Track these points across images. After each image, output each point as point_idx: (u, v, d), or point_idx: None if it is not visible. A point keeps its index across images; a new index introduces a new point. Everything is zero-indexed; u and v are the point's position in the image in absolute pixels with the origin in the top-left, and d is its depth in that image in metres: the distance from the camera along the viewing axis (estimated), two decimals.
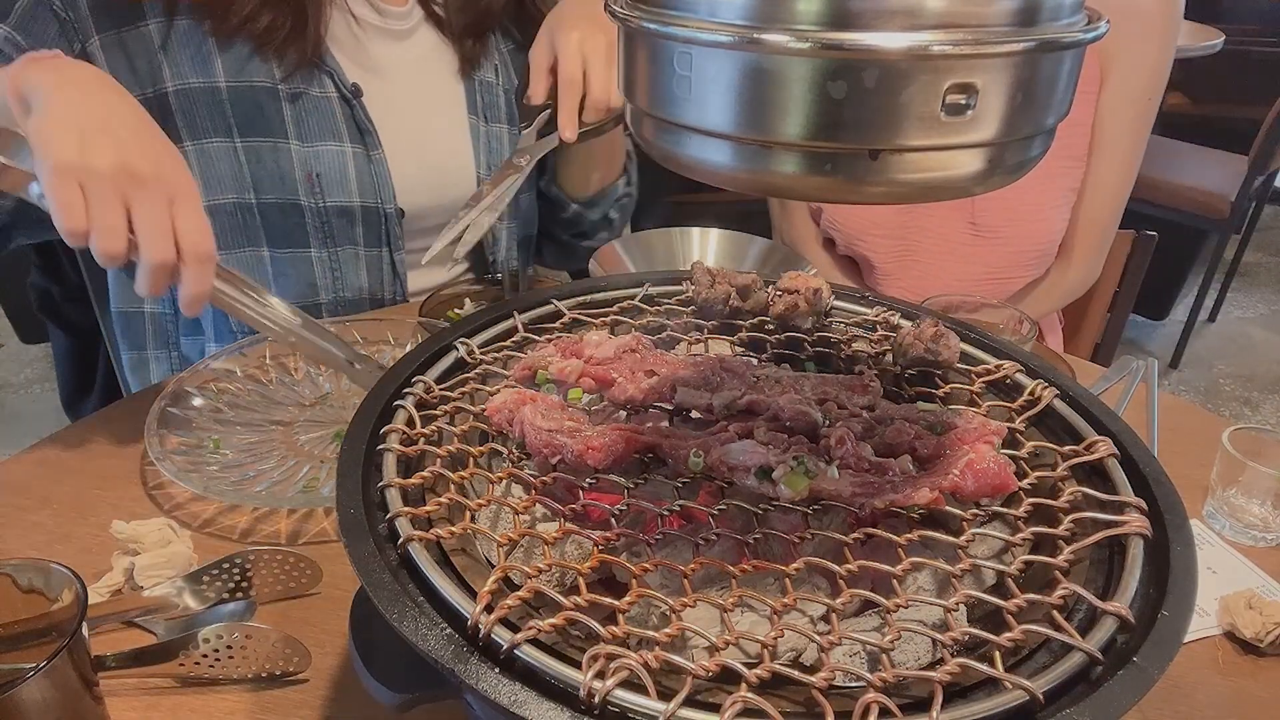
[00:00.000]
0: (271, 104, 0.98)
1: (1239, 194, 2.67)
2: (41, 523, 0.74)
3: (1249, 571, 0.74)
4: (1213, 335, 3.24)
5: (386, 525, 0.47)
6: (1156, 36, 1.22)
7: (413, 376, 0.59)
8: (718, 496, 0.54)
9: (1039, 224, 1.28)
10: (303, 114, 0.99)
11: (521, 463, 0.56)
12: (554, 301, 0.71)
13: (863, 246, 1.36)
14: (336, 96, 1.01)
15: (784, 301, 0.70)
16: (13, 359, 2.83)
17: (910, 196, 0.41)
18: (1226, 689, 0.63)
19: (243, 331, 1.05)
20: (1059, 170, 1.27)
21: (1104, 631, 0.41)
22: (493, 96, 1.14)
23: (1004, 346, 0.67)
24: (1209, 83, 3.43)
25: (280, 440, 0.85)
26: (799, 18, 0.36)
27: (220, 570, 0.66)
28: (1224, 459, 0.79)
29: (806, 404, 0.56)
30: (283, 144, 0.99)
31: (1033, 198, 1.27)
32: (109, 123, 0.69)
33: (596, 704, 0.37)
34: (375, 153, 1.04)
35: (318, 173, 1.01)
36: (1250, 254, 3.54)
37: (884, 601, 0.44)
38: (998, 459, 0.52)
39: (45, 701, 0.47)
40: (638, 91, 0.45)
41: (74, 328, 1.60)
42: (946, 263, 1.33)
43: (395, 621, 0.40)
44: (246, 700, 0.59)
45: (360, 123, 1.03)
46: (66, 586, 0.51)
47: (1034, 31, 0.38)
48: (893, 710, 0.36)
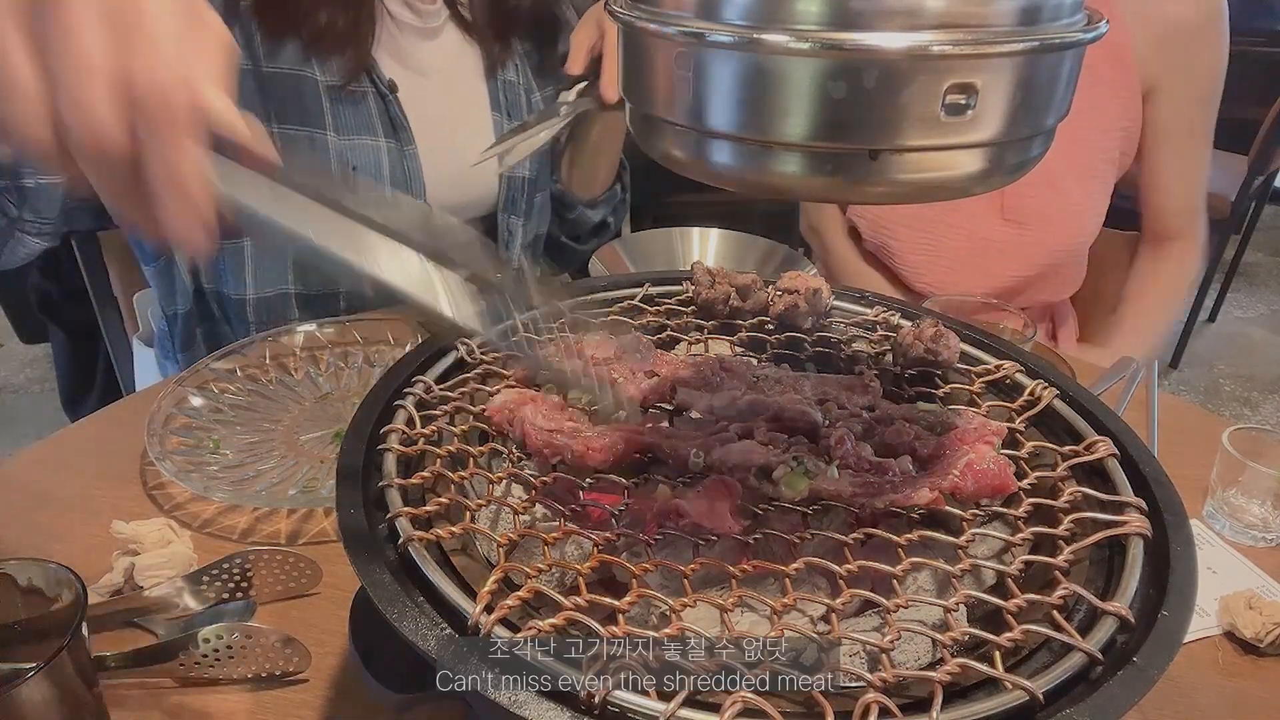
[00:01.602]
0: (311, 94, 0.98)
1: (1239, 194, 2.67)
2: (41, 523, 0.74)
3: (1249, 571, 0.74)
4: (1213, 335, 3.24)
5: (386, 525, 0.47)
6: (1204, 41, 1.24)
7: (413, 376, 0.59)
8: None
9: (1071, 222, 1.28)
10: (340, 107, 1.00)
11: (521, 463, 0.56)
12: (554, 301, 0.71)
13: (887, 236, 1.35)
14: (373, 92, 1.02)
15: (784, 301, 0.71)
16: (13, 359, 2.83)
17: (910, 196, 0.42)
18: (1226, 689, 0.63)
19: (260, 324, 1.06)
20: (1095, 171, 1.27)
21: (1104, 631, 0.41)
22: (515, 95, 1.15)
23: (1004, 346, 0.67)
24: None
25: (280, 440, 0.85)
26: (799, 18, 0.36)
27: (220, 570, 0.66)
28: (1224, 459, 0.78)
29: (807, 404, 0.56)
30: (319, 135, 0.99)
31: (1066, 195, 1.26)
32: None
33: (596, 704, 0.37)
34: (409, 148, 1.05)
35: (354, 166, 1.01)
36: (1250, 254, 3.53)
37: (884, 601, 0.44)
38: (998, 460, 0.52)
39: (45, 701, 0.47)
40: (638, 91, 0.45)
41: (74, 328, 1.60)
42: (975, 258, 1.31)
43: (395, 621, 0.40)
44: (246, 700, 0.59)
45: (395, 118, 1.03)
46: (66, 586, 0.51)
47: (1034, 31, 0.38)
48: (893, 710, 0.36)
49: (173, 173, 0.37)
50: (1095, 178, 1.27)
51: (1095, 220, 1.30)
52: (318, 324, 1.00)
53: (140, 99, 0.36)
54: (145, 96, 0.36)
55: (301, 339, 0.98)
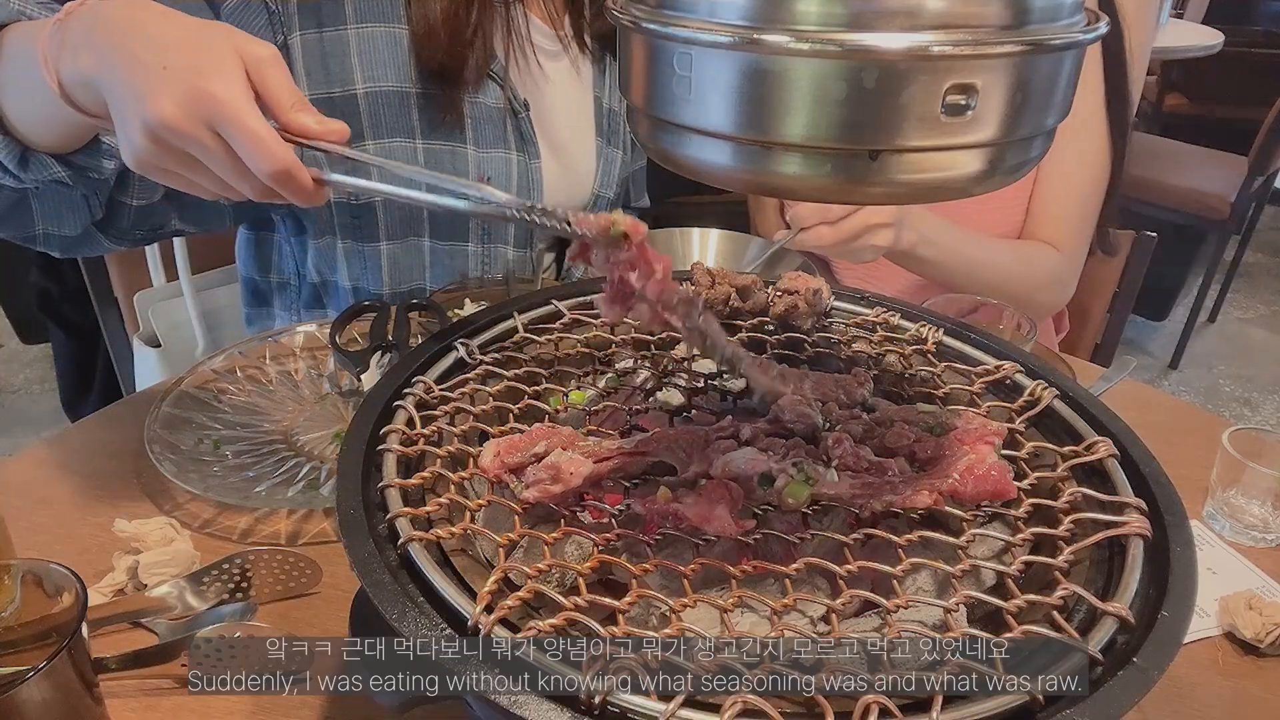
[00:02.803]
0: (452, 110, 1.03)
1: (1239, 195, 2.67)
2: (41, 523, 0.74)
3: (1249, 572, 0.74)
4: (1213, 336, 3.24)
5: (386, 525, 0.47)
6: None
7: (413, 376, 0.59)
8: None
9: (986, 218, 1.24)
10: (479, 122, 1.05)
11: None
12: (554, 302, 0.71)
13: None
14: (507, 108, 1.07)
15: (784, 302, 0.71)
16: (13, 359, 2.83)
17: (910, 197, 0.42)
18: (1226, 689, 0.63)
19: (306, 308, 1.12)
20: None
21: (1104, 632, 0.41)
22: (616, 123, 1.21)
23: (1004, 346, 0.67)
24: (1209, 83, 3.43)
25: (280, 440, 0.85)
26: (799, 18, 0.36)
27: (220, 570, 0.66)
28: (1224, 460, 0.78)
29: (808, 405, 0.56)
30: (460, 148, 1.04)
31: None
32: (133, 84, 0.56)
33: (596, 704, 0.37)
34: (535, 162, 1.11)
35: (489, 176, 1.07)
36: (1250, 254, 3.53)
37: (884, 602, 0.44)
38: (998, 464, 0.52)
39: (45, 703, 0.47)
40: (637, 92, 0.45)
41: (74, 328, 1.60)
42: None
43: (395, 621, 0.40)
44: (246, 700, 0.59)
45: (525, 133, 1.09)
46: (66, 587, 0.51)
47: (1034, 32, 0.38)
48: (893, 710, 0.36)
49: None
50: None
51: (1016, 215, 1.25)
52: (318, 324, 1.00)
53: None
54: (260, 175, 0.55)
55: (301, 339, 0.99)
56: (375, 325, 0.89)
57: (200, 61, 0.54)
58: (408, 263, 1.08)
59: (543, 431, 0.56)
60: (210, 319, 1.29)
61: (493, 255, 1.12)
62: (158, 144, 0.55)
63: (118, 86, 0.56)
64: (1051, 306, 1.31)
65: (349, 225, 1.04)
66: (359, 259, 1.06)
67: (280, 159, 0.54)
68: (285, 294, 1.15)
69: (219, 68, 0.54)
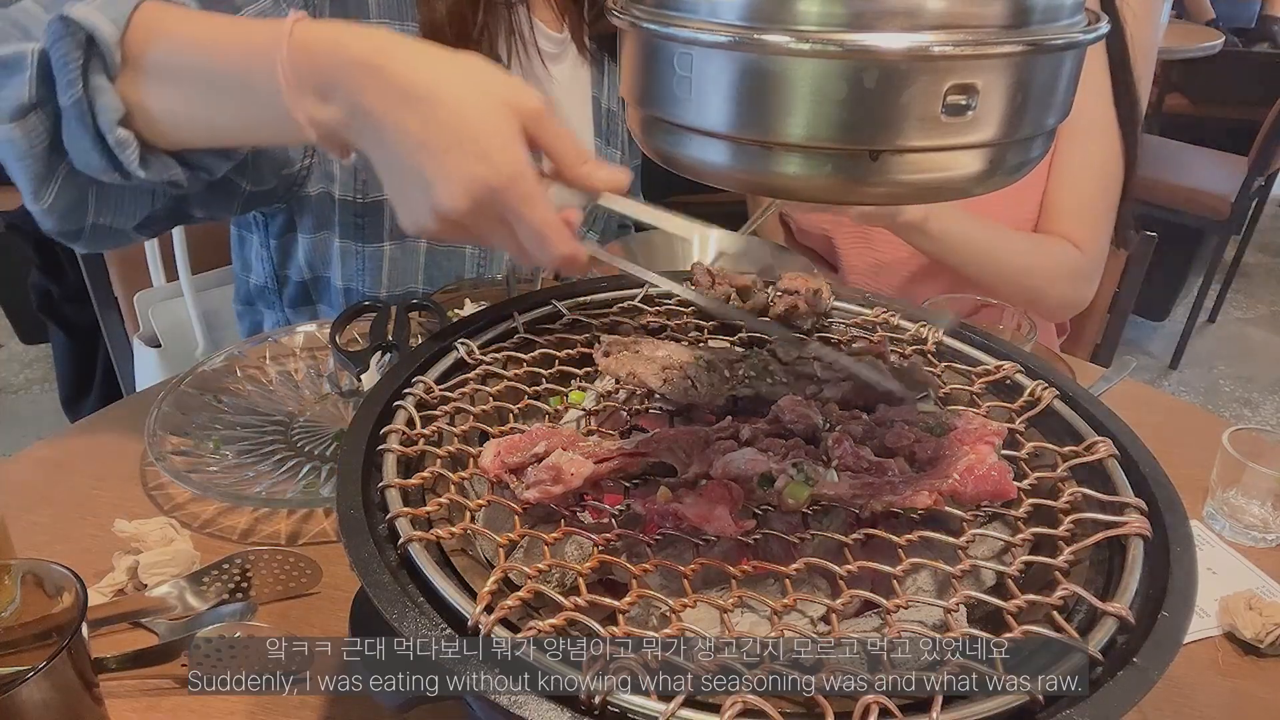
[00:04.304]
0: None
1: (1239, 194, 2.67)
2: (41, 523, 0.74)
3: (1249, 572, 0.74)
4: (1213, 336, 3.24)
5: (386, 525, 0.47)
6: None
7: (413, 376, 0.59)
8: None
9: (1005, 213, 1.23)
10: None
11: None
12: (554, 302, 0.71)
13: (824, 231, 1.33)
14: None
15: (784, 302, 0.71)
16: (13, 359, 2.83)
17: (911, 197, 0.42)
18: (1226, 689, 0.63)
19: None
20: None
21: (1104, 632, 0.41)
22: (614, 124, 1.21)
23: (1004, 346, 0.67)
24: (1209, 83, 3.43)
25: (280, 440, 0.85)
26: (799, 18, 0.36)
27: (220, 570, 0.66)
28: (1224, 460, 0.78)
29: (808, 405, 0.56)
30: None
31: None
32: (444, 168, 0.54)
33: (596, 704, 0.37)
34: (539, 164, 1.10)
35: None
36: (1250, 254, 3.53)
37: (884, 602, 0.44)
38: (998, 465, 0.52)
39: (45, 703, 0.47)
40: (638, 92, 0.45)
41: (74, 328, 1.60)
42: (905, 248, 1.24)
43: (395, 621, 0.40)
44: (246, 700, 0.59)
45: None
46: (66, 587, 0.51)
47: (1034, 32, 0.38)
48: (893, 711, 0.36)
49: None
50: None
51: (1030, 210, 1.24)
52: (317, 324, 1.00)
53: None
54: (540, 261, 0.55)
55: (301, 339, 0.98)
56: (375, 325, 0.89)
57: (484, 143, 0.52)
58: (405, 264, 1.08)
59: (543, 432, 0.56)
60: (210, 319, 1.28)
61: (490, 257, 1.12)
62: (444, 224, 0.54)
63: (396, 165, 0.54)
64: (1070, 302, 1.28)
65: (351, 225, 1.03)
66: (357, 259, 1.06)
67: (565, 254, 0.54)
68: (265, 296, 1.15)
69: (504, 149, 0.52)
